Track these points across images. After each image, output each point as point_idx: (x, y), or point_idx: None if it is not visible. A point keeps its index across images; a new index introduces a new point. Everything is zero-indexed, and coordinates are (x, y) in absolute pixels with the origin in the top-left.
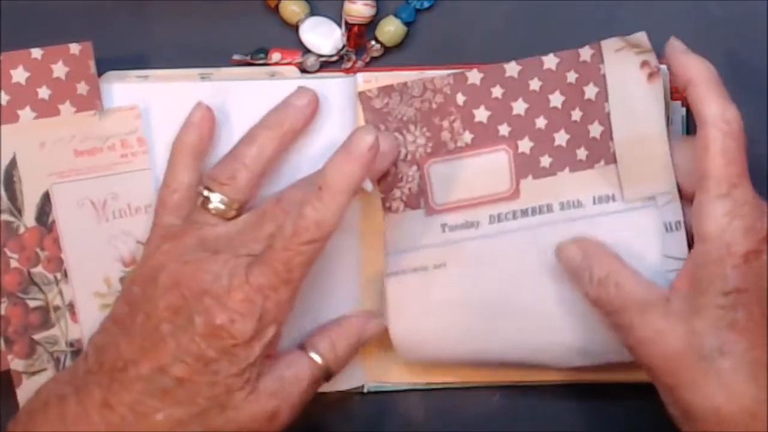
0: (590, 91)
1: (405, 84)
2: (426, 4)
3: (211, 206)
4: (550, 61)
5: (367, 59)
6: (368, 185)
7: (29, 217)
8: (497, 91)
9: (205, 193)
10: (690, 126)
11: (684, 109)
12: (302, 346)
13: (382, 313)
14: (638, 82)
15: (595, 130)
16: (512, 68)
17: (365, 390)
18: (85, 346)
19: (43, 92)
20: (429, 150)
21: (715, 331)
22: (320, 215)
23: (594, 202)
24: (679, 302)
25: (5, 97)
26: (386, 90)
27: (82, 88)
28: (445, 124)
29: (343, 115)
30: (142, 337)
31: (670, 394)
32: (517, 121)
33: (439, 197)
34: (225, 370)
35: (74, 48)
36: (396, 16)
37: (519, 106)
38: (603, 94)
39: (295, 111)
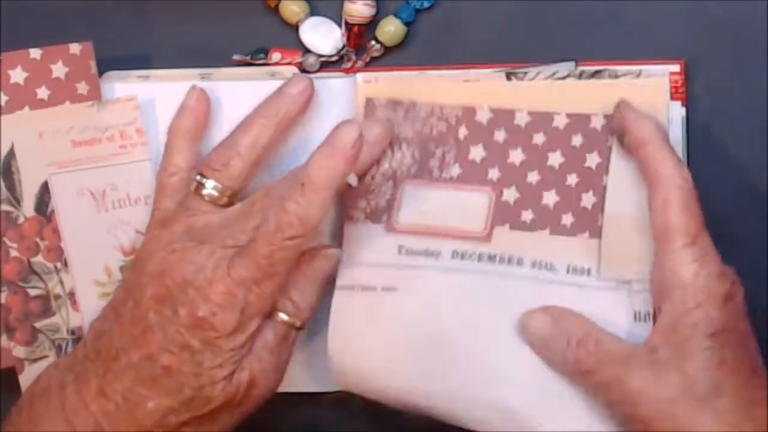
0: (592, 160)
1: (414, 103)
2: (426, 4)
3: (204, 192)
4: (559, 120)
5: (367, 59)
6: (353, 179)
7: (28, 207)
8: (500, 135)
9: (199, 178)
10: (689, 127)
11: (684, 110)
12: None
13: (334, 248)
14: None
15: (587, 200)
16: (522, 117)
17: None
18: (86, 333)
19: (42, 92)
20: (413, 171)
21: (707, 372)
22: (303, 211)
23: (567, 271)
24: (664, 351)
25: (4, 98)
26: (393, 103)
27: (82, 88)
28: (438, 152)
29: (343, 115)
30: (131, 325)
31: None
32: (510, 169)
33: (403, 216)
34: (208, 362)
35: (74, 48)
36: (396, 16)
37: (516, 156)
38: (604, 166)
39: (289, 99)
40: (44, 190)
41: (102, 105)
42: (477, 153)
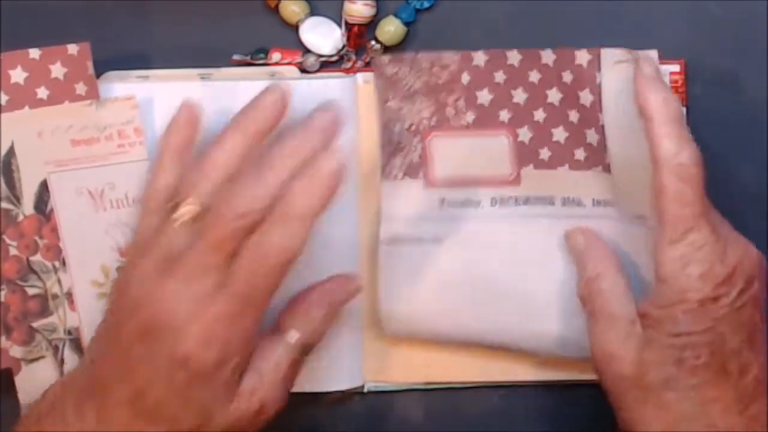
0: (585, 97)
1: (415, 56)
2: (426, 4)
3: (175, 216)
4: (547, 56)
5: (367, 59)
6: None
7: (28, 205)
8: (500, 77)
9: (172, 203)
10: (690, 126)
11: (684, 109)
12: (274, 328)
13: (356, 275)
14: (635, 100)
15: (592, 137)
16: (513, 56)
17: (365, 390)
18: (83, 334)
19: (42, 92)
20: (433, 123)
21: (661, 366)
22: (284, 241)
23: (593, 204)
24: (639, 329)
25: (4, 98)
26: (397, 60)
27: (80, 88)
28: (450, 100)
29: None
30: (120, 359)
31: (618, 414)
32: (517, 109)
33: (439, 170)
34: (197, 394)
35: (72, 48)
36: (396, 16)
37: (519, 95)
38: (597, 104)
39: (264, 112)
40: (43, 189)
41: (101, 104)
42: (484, 97)
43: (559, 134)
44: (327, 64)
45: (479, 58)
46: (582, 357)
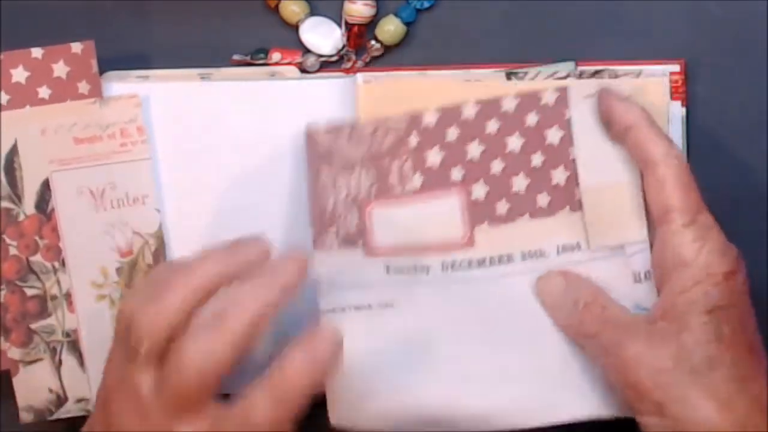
0: (553, 136)
1: (354, 124)
2: (426, 4)
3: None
4: (508, 102)
5: (367, 59)
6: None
7: (29, 205)
8: (452, 134)
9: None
10: (689, 127)
11: (684, 109)
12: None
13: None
14: (604, 118)
15: (559, 176)
16: (469, 109)
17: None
18: (81, 336)
19: (44, 92)
20: (374, 192)
21: (703, 345)
22: (274, 415)
23: (558, 252)
24: (664, 324)
25: (5, 97)
26: (334, 129)
27: (83, 87)
28: (395, 166)
29: (342, 116)
30: None
31: (659, 411)
32: (471, 165)
33: (380, 240)
34: None
35: (76, 47)
36: (396, 15)
37: (474, 149)
38: (568, 139)
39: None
40: (45, 188)
41: (104, 102)
42: (434, 157)
43: (519, 183)
44: (327, 64)
45: (430, 117)
46: (552, 421)
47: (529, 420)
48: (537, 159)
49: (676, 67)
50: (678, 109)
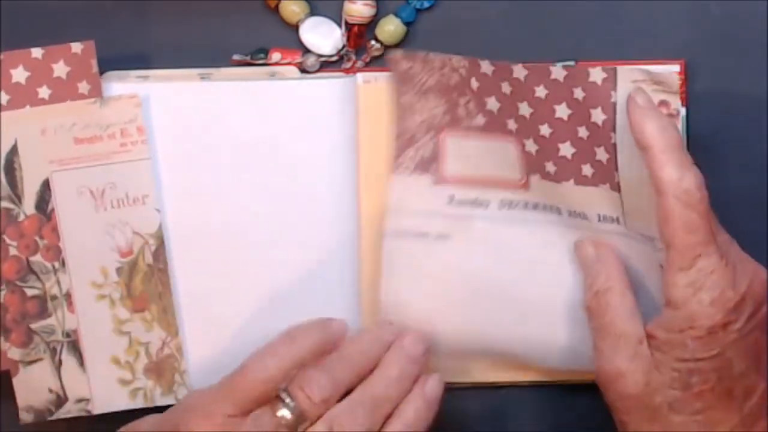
0: (597, 116)
1: (427, 55)
2: (426, 4)
3: (279, 412)
4: (557, 72)
5: (367, 59)
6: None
7: (29, 205)
8: (506, 88)
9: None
10: (689, 127)
11: (684, 109)
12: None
13: None
14: (631, 131)
15: (601, 154)
16: (519, 71)
17: None
18: (81, 336)
19: (44, 92)
20: (446, 121)
21: (668, 390)
22: None
23: (599, 219)
24: (646, 349)
25: (5, 97)
26: (410, 56)
27: (83, 87)
28: (462, 101)
29: (342, 116)
30: None
31: (623, 428)
32: (523, 121)
33: (451, 167)
34: None
35: (76, 47)
36: (396, 15)
37: (524, 109)
38: (610, 123)
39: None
40: (45, 188)
41: (104, 102)
42: (492, 104)
43: (566, 149)
44: (327, 64)
45: (486, 67)
46: (579, 368)
47: (552, 363)
48: (583, 132)
49: (676, 67)
50: (678, 109)
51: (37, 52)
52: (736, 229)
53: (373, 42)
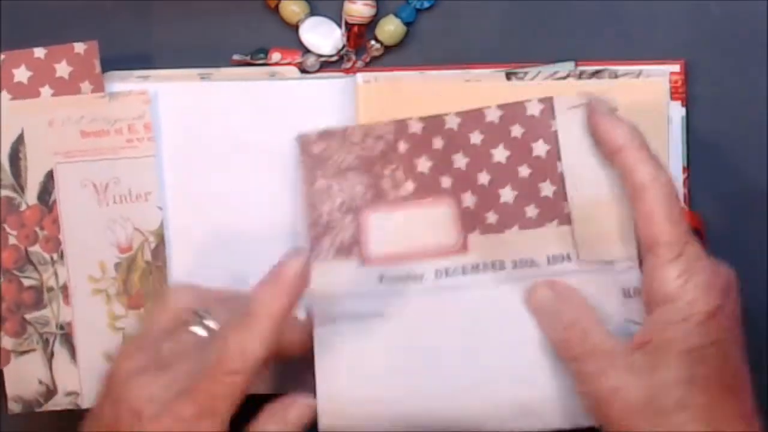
0: (539, 149)
1: (345, 130)
2: (426, 4)
3: (192, 327)
4: (491, 113)
5: (367, 59)
6: (302, 313)
7: (31, 195)
8: (438, 143)
9: (198, 316)
10: (689, 127)
11: (684, 109)
12: None
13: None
14: (595, 138)
15: (547, 189)
16: (452, 120)
17: None
18: (75, 330)
19: (46, 92)
20: (368, 198)
21: (674, 386)
22: (243, 343)
23: (549, 262)
24: (641, 356)
25: (7, 96)
26: (326, 135)
27: (86, 87)
28: (387, 172)
29: (342, 116)
30: None
31: None
32: (459, 174)
33: (375, 248)
34: None
35: (79, 47)
36: (396, 15)
37: (459, 160)
38: (554, 153)
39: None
40: (49, 179)
41: (113, 97)
42: (423, 164)
43: (507, 194)
44: (327, 64)
45: (414, 125)
46: (545, 427)
47: (514, 426)
48: (524, 171)
49: (676, 67)
50: (678, 109)
51: (39, 52)
52: (736, 229)
53: (373, 42)
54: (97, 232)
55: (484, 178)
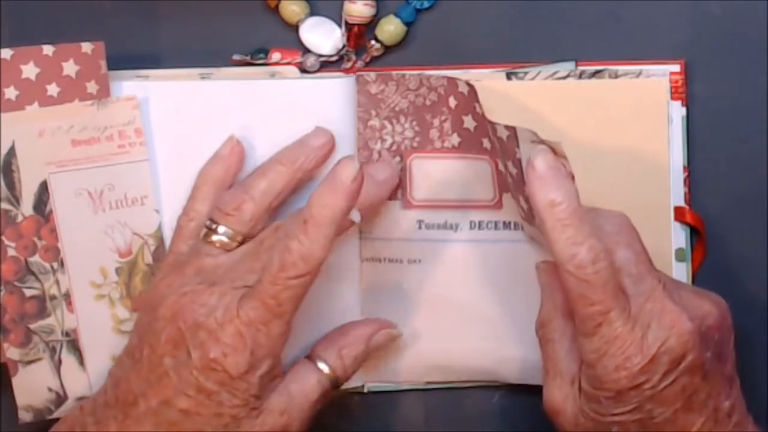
0: (512, 168)
1: (403, 75)
2: (426, 4)
3: (214, 238)
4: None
5: (368, 59)
6: (356, 216)
7: (27, 206)
8: (478, 108)
9: (209, 223)
10: (689, 127)
11: (684, 109)
12: (309, 356)
13: (395, 324)
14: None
15: (523, 202)
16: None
17: (365, 390)
18: (80, 336)
19: (52, 89)
20: (415, 144)
21: None
22: (305, 249)
23: None
24: (577, 392)
25: (14, 93)
26: (384, 78)
27: (91, 87)
28: (436, 122)
29: (343, 115)
30: (148, 371)
31: None
32: (497, 142)
33: (418, 192)
34: (227, 401)
35: (86, 47)
36: (396, 15)
37: (498, 129)
38: (520, 177)
39: (309, 150)
40: (43, 190)
41: (102, 104)
42: (469, 122)
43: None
44: (327, 64)
45: (462, 86)
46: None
47: (527, 379)
48: (513, 170)
49: (676, 67)
50: (678, 109)
51: (48, 50)
52: (736, 229)
53: (373, 42)
54: (95, 239)
55: (501, 163)
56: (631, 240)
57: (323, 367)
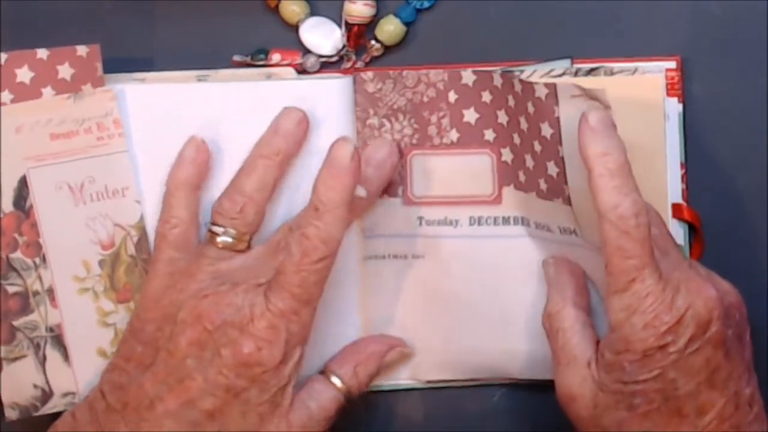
0: (545, 130)
1: (400, 73)
2: (426, 4)
3: (219, 240)
4: (516, 84)
5: (367, 59)
6: (362, 191)
7: (7, 203)
8: (486, 96)
9: (213, 228)
10: (687, 125)
11: (681, 106)
12: (323, 372)
13: (403, 340)
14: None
15: (552, 169)
16: (497, 78)
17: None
18: (65, 331)
19: (48, 93)
20: (414, 141)
21: (614, 411)
22: (323, 232)
23: (561, 232)
24: (595, 371)
25: (9, 96)
26: (381, 76)
27: (88, 89)
28: (434, 118)
29: (343, 115)
30: (166, 374)
31: None
32: (501, 129)
33: (418, 189)
34: (256, 398)
35: (81, 50)
36: (396, 15)
37: (502, 117)
38: (557, 137)
39: (287, 136)
40: (23, 185)
41: (79, 97)
42: (470, 115)
43: (529, 161)
44: (327, 64)
45: (467, 77)
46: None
47: (529, 375)
48: (537, 146)
49: (672, 64)
50: (674, 106)
51: (42, 53)
52: (736, 228)
53: (373, 42)
54: (77, 232)
55: (516, 138)
56: (659, 221)
57: (338, 383)
